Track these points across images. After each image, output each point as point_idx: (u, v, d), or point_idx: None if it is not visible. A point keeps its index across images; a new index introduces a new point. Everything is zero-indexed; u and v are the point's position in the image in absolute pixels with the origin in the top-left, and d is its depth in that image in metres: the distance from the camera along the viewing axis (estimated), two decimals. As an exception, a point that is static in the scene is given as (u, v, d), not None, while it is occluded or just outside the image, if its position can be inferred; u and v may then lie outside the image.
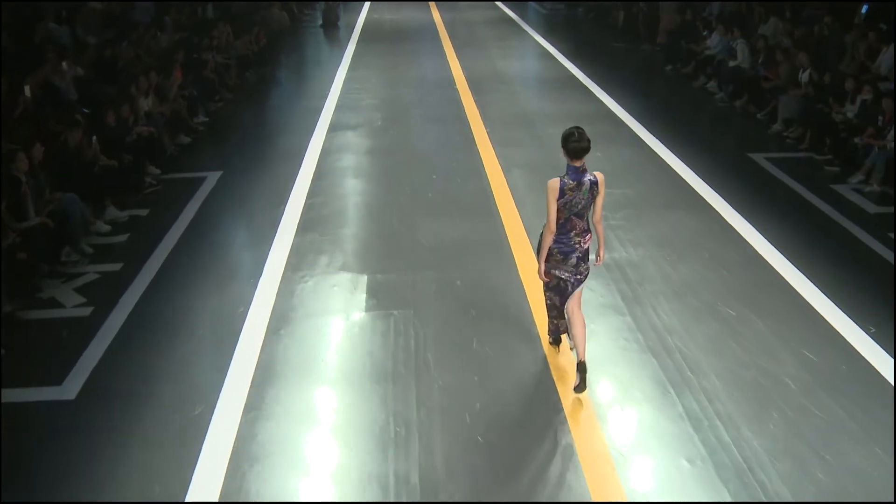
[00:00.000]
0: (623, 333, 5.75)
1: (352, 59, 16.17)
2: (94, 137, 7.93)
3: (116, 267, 7.01)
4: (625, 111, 11.75)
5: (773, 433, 4.71)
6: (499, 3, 25.16)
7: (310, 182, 8.91)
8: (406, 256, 7.01)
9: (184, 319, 6.07)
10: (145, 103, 9.73)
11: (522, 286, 6.42)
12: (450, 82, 13.87)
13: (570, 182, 4.75)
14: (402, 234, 7.46)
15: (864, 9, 11.19)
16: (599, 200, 4.88)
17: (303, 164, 9.51)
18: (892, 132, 8.34)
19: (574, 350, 5.04)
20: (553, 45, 17.34)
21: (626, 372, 5.29)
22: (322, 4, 21.19)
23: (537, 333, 5.73)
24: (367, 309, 6.09)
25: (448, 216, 7.85)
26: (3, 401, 5.08)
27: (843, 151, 9.25)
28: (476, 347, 5.57)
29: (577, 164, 4.75)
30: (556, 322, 5.34)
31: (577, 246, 4.92)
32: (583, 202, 4.81)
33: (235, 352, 5.54)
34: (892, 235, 7.44)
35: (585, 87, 13.43)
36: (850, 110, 9.46)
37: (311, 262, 6.90)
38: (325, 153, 9.94)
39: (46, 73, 8.94)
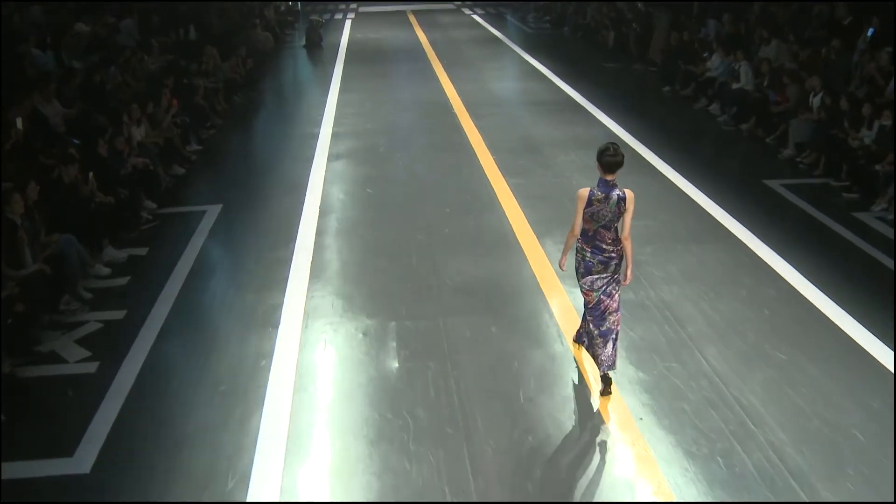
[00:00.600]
0: (676, 382, 5.46)
1: (341, 81, 15.84)
2: (91, 174, 7.47)
3: (119, 314, 6.57)
4: (630, 135, 11.56)
5: (852, 492, 4.45)
6: (480, 21, 25.08)
7: (317, 217, 8.53)
8: (433, 300, 6.66)
9: (202, 375, 5.65)
10: (138, 132, 9.29)
11: (562, 335, 6.11)
12: (446, 106, 13.61)
13: (599, 194, 4.98)
14: (424, 275, 7.11)
15: (869, 32, 11.14)
16: (628, 217, 5.04)
17: (307, 198, 9.14)
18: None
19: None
20: (544, 65, 17.19)
21: (688, 426, 4.99)
22: (305, 24, 20.88)
23: (585, 381, 5.43)
24: (401, 361, 5.73)
25: (469, 254, 7.53)
26: (3, 477, 4.59)
27: (862, 178, 9.12)
28: (524, 403, 5.24)
29: (609, 177, 5.01)
30: (600, 348, 5.31)
31: (612, 254, 5.14)
32: (609, 215, 5.02)
33: (263, 413, 5.15)
34: (925, 267, 7.29)
35: (585, 110, 13.25)
36: (867, 136, 9.35)
37: (331, 308, 6.53)
38: (329, 184, 9.58)
39: (35, 103, 8.45)
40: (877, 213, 8.62)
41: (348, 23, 24.59)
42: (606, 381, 5.28)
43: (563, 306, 6.52)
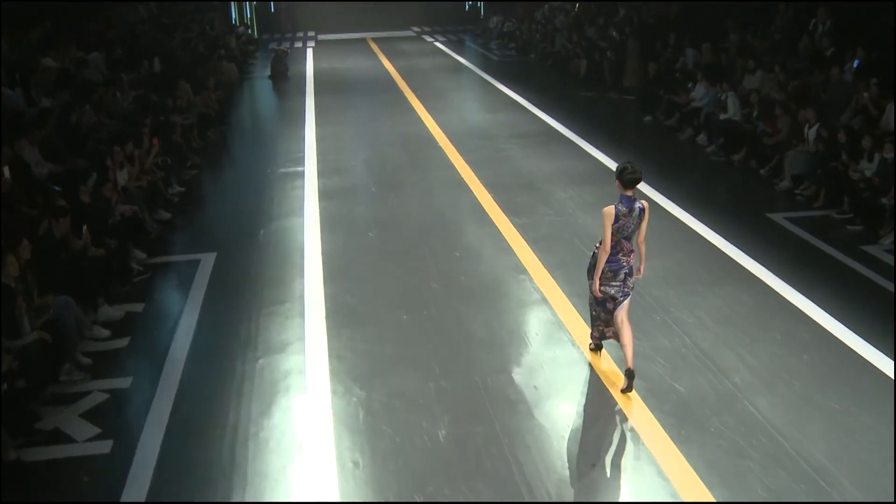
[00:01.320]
0: (736, 439, 5.28)
1: (315, 113, 15.50)
2: (85, 227, 6.97)
3: (125, 382, 6.10)
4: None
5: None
6: (444, 48, 25.04)
7: (321, 265, 8.17)
8: (465, 356, 6.37)
9: (232, 455, 5.21)
10: (121, 177, 8.80)
11: (605, 388, 5.88)
12: (430, 139, 13.39)
13: (624, 209, 5.61)
14: (449, 329, 6.81)
15: (855, 63, 11.36)
16: (644, 225, 5.72)
17: (306, 243, 8.77)
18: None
19: (624, 362, 5.75)
20: (520, 94, 17.14)
21: (758, 487, 4.80)
22: (265, 53, 20.49)
23: (644, 443, 5.21)
24: (447, 426, 5.40)
25: (491, 304, 7.27)
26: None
27: (865, 210, 9.19)
28: (595, 471, 4.98)
29: (629, 193, 5.64)
30: (601, 330, 6.06)
31: (624, 264, 5.74)
32: (632, 226, 5.67)
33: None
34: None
35: (571, 142, 13.19)
36: (868, 168, 9.45)
37: (360, 371, 6.16)
38: (327, 228, 9.21)
39: (18, 150, 7.92)
40: (886, 247, 8.67)
41: (310, 52, 24.25)
42: (630, 375, 5.71)
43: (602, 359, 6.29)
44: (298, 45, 25.96)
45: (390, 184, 10.89)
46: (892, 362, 6.22)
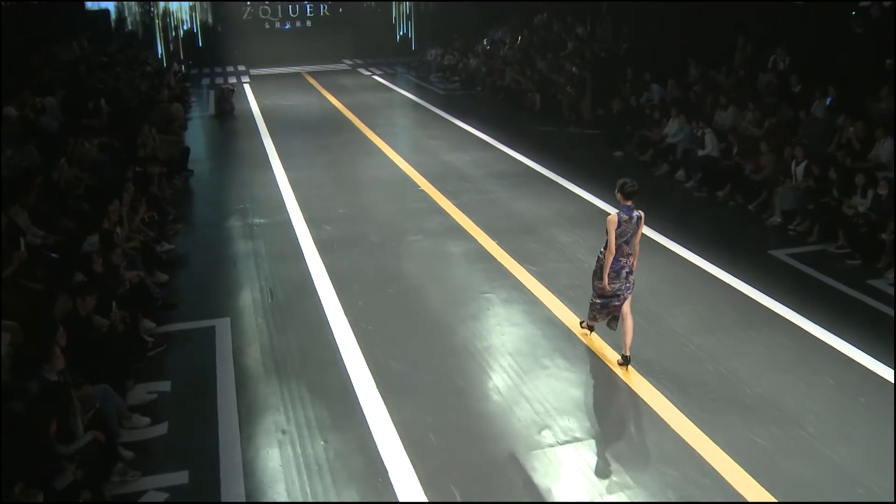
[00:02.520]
0: (830, 487, 5.36)
1: (279, 156, 15.09)
2: (114, 303, 6.47)
3: (182, 476, 5.67)
4: (612, 207, 11.63)
5: None
6: (384, 82, 24.97)
7: (349, 328, 7.86)
8: (519, 433, 6.22)
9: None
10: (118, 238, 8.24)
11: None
12: (410, 182, 13.25)
13: (625, 216, 6.76)
14: (516, 400, 6.63)
15: (828, 101, 11.97)
16: (640, 229, 6.85)
17: (324, 303, 8.48)
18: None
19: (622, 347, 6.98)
20: (480, 131, 17.21)
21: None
22: (198, 90, 19.82)
23: None
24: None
25: (547, 369, 7.13)
26: None
27: (863, 245, 9.62)
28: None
29: (629, 203, 6.79)
30: (597, 318, 7.22)
31: (625, 264, 6.87)
32: (631, 231, 6.79)
33: None
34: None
35: (553, 182, 13.31)
36: (862, 203, 9.91)
37: (442, 456, 5.89)
38: (341, 284, 8.92)
39: (13, 215, 7.30)
40: (891, 280, 9.08)
41: (247, 88, 23.67)
42: (626, 360, 6.93)
43: (685, 427, 6.27)
44: (232, 80, 25.33)
45: (389, 233, 10.66)
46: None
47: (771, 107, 12.77)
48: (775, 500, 5.34)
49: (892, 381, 6.85)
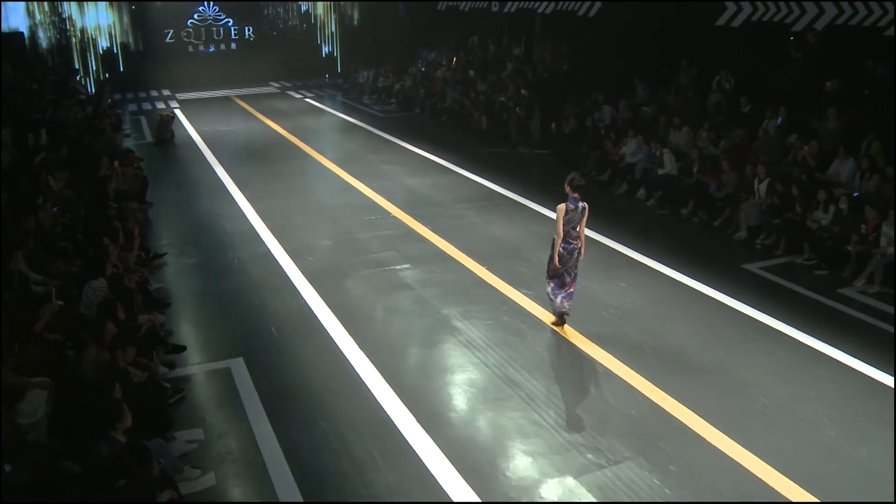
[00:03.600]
0: (863, 484, 5.87)
1: (236, 185, 14.90)
2: (155, 352, 6.36)
3: (249, 525, 5.62)
4: (589, 230, 12.13)
5: None
6: (319, 105, 24.94)
7: (369, 363, 7.92)
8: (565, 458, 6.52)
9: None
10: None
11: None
12: (379, 209, 13.37)
13: (572, 207, 8.22)
14: (535, 427, 6.92)
15: (779, 120, 12.86)
16: (584, 218, 8.30)
17: (337, 338, 8.50)
18: (892, 238, 9.64)
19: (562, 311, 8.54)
20: (432, 154, 17.48)
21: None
22: (135, 118, 19.31)
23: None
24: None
25: (578, 395, 7.46)
26: None
27: (829, 256, 10.43)
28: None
29: (576, 195, 8.19)
30: (557, 298, 8.51)
31: (575, 246, 8.35)
32: (577, 219, 8.25)
33: None
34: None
35: (520, 204, 13.71)
36: (824, 218, 10.74)
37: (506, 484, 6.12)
38: (347, 317, 8.98)
39: (14, 263, 7.04)
40: (859, 288, 9.89)
41: (179, 113, 23.11)
42: (562, 318, 8.60)
43: (716, 436, 6.69)
44: (160, 104, 24.72)
45: (375, 260, 10.78)
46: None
47: (723, 126, 13.60)
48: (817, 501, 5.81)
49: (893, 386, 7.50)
